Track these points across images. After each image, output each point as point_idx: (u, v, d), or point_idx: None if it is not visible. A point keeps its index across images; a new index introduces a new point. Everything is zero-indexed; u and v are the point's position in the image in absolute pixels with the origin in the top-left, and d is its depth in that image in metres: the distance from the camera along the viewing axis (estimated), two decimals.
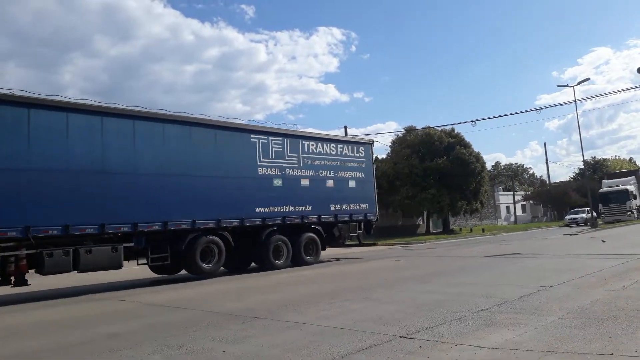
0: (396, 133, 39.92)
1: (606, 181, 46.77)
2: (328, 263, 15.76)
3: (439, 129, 36.76)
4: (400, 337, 5.08)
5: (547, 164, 71.18)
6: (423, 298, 7.56)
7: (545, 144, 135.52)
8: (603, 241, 18.47)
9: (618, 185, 42.64)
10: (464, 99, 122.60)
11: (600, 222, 36.99)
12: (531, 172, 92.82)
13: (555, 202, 57.10)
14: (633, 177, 46.84)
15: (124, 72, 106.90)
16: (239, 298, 9.23)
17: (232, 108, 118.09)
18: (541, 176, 78.61)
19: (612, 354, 4.06)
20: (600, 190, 43.28)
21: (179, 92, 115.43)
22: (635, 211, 40.59)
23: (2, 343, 6.30)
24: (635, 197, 41.64)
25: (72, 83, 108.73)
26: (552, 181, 63.24)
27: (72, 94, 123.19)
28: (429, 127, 36.90)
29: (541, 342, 4.56)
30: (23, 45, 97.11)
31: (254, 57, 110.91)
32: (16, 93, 10.76)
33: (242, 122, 14.90)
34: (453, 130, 36.79)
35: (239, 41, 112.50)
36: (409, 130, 38.02)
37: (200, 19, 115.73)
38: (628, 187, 41.79)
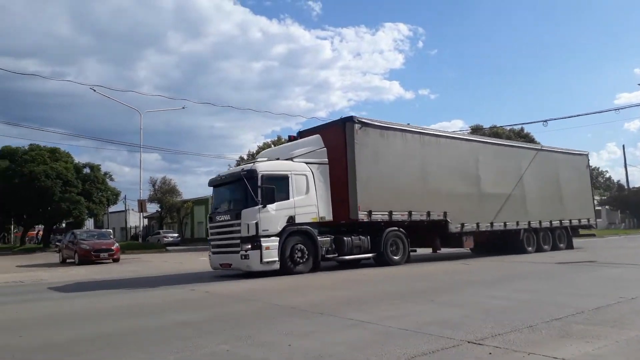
0: (462, 132, 39.00)
1: None
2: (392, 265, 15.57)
3: (507, 128, 35.60)
4: (468, 342, 4.93)
5: (625, 167, 66.32)
6: (490, 303, 7.34)
7: (623, 146, 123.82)
8: None
9: None
10: (534, 97, 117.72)
11: None
12: (607, 175, 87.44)
13: (635, 208, 53.47)
14: None
15: (195, 68, 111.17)
16: (303, 293, 9.42)
17: (296, 105, 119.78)
18: (619, 180, 73.70)
19: None
20: None
21: (246, 89, 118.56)
22: None
23: (81, 325, 6.81)
24: None
25: (146, 79, 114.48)
26: (631, 186, 59.21)
27: (147, 90, 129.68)
28: (496, 127, 35.96)
29: (624, 358, 4.28)
30: (102, 42, 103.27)
31: (319, 54, 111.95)
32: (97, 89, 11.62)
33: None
34: (522, 130, 35.59)
35: (305, 38, 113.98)
36: (476, 129, 37.09)
37: (268, 16, 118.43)
38: None
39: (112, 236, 29.26)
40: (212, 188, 14.16)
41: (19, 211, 41.92)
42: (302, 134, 15.91)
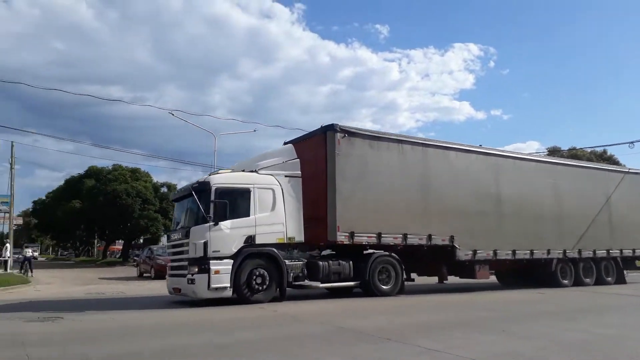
0: (538, 154, 36.11)
1: None
2: (461, 291, 14.00)
3: (588, 150, 32.41)
4: None
5: None
6: (566, 336, 7.00)
7: None
8: None
9: None
10: (617, 117, 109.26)
11: None
12: None
13: None
14: None
15: (265, 93, 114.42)
16: (366, 316, 9.36)
17: (362, 127, 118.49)
18: None
19: None
20: None
21: (313, 112, 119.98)
22: None
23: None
24: None
25: (220, 103, 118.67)
26: None
27: (221, 114, 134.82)
28: (575, 148, 32.78)
29: None
30: (180, 69, 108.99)
31: (386, 76, 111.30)
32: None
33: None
34: (605, 152, 32.33)
35: (373, 61, 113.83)
36: (553, 151, 34.30)
37: (336, 41, 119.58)
38: None
39: None
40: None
41: (102, 227, 45.91)
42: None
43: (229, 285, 10.57)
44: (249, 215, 11.15)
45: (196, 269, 10.54)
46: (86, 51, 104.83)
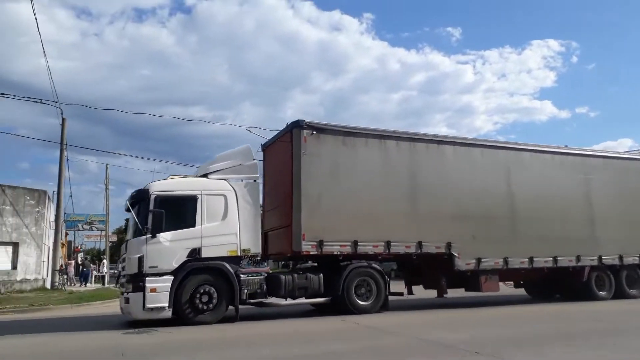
0: (631, 152, 32.68)
1: None
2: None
3: None
4: None
5: None
6: None
7: None
8: None
9: None
10: None
11: None
12: None
13: None
14: None
15: (336, 104, 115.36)
16: (451, 328, 8.99)
17: (437, 132, 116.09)
18: None
19: None
20: None
21: (384, 120, 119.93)
22: None
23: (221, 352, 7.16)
24: None
25: (293, 117, 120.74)
26: None
27: None
28: None
29: None
30: (255, 86, 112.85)
31: (460, 79, 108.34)
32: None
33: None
34: None
35: (445, 64, 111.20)
36: None
37: (406, 47, 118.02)
38: None
39: None
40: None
41: None
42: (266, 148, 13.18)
43: (166, 305, 9.41)
44: (194, 226, 9.99)
45: (131, 287, 9.50)
46: (169, 75, 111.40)
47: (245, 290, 10.16)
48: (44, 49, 33.77)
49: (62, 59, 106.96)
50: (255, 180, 10.89)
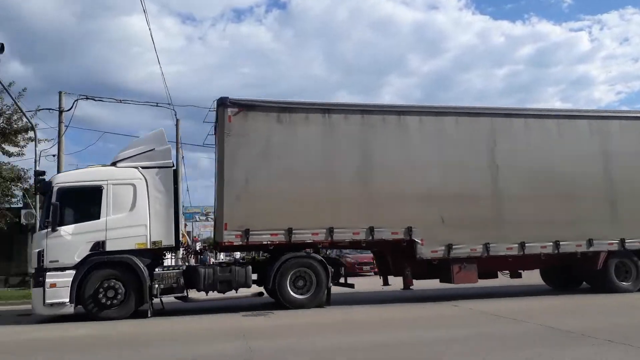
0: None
1: None
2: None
3: None
4: None
5: None
6: None
7: None
8: None
9: None
10: None
11: None
12: None
13: None
14: None
15: (436, 85, 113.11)
16: (576, 315, 8.64)
17: (550, 107, 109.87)
18: None
19: None
20: None
21: (490, 98, 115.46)
22: None
23: (324, 336, 7.17)
24: None
25: (391, 102, 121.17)
26: None
27: None
28: None
29: None
30: (350, 76, 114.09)
31: (574, 48, 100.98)
32: None
33: None
34: None
35: (556, 33, 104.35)
36: None
37: (510, 19, 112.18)
38: None
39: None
40: None
41: None
42: None
43: (67, 300, 8.86)
44: (99, 218, 9.36)
45: (33, 282, 9.10)
46: (268, 71, 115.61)
47: (157, 285, 9.36)
48: (157, 56, 35.85)
49: (172, 64, 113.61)
50: (170, 167, 10.02)
